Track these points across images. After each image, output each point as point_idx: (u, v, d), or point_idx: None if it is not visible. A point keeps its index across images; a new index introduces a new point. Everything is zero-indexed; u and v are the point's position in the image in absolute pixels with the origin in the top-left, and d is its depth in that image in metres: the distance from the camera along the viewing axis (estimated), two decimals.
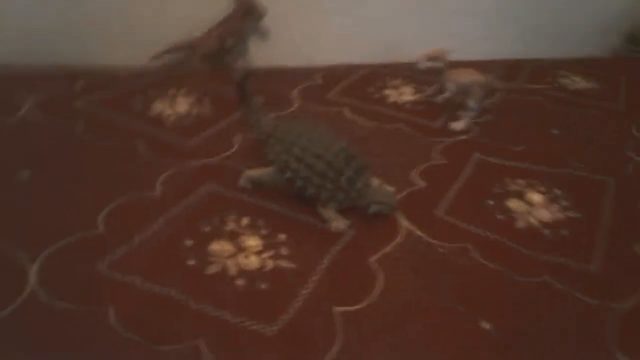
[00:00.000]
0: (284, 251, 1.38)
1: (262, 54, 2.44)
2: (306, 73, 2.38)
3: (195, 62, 2.31)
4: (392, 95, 2.28)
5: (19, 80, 2.01)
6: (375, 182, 1.55)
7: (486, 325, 1.24)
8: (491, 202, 1.66)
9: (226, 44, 2.33)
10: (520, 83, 2.55)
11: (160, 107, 1.95)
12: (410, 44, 2.19)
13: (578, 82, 2.63)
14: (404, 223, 1.52)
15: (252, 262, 1.34)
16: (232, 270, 1.31)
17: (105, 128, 1.79)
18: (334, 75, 2.41)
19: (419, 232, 1.50)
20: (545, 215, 1.63)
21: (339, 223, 1.48)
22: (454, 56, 2.08)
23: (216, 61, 2.35)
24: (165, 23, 2.28)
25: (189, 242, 1.37)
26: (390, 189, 1.60)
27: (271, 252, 1.37)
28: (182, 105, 1.98)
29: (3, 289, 1.18)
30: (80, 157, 1.63)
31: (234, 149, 1.77)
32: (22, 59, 2.05)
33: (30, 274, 1.22)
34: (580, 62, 2.86)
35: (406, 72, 2.48)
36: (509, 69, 2.70)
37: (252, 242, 1.40)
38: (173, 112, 1.94)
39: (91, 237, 1.35)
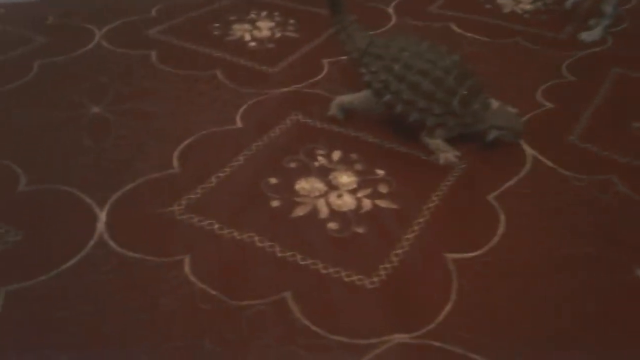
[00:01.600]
0: (383, 189, 1.16)
1: None
2: None
3: None
4: (507, 4, 1.94)
5: (88, 8, 1.87)
6: (495, 103, 1.28)
7: None
8: (637, 124, 1.34)
9: None
10: None
11: (240, 32, 1.75)
12: None
13: None
14: (530, 152, 1.25)
15: (346, 202, 1.13)
16: (323, 211, 1.11)
17: (181, 56, 1.62)
18: None
19: (549, 163, 1.22)
20: None
21: (448, 154, 1.23)
22: None
23: None
24: None
25: (273, 181, 1.18)
26: (513, 110, 1.32)
27: (368, 190, 1.16)
28: (264, 29, 1.77)
29: (70, 236, 1.05)
30: (153, 89, 1.47)
31: (323, 74, 1.54)
32: None
33: (99, 219, 1.08)
34: None
35: None
36: None
37: (346, 178, 1.19)
38: (254, 37, 1.73)
39: (165, 177, 1.19)
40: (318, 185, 1.17)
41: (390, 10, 1.90)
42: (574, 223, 1.08)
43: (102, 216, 1.09)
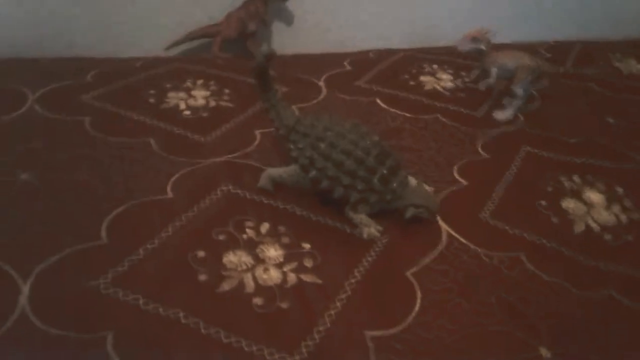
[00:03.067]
0: (308, 263, 1.21)
1: (286, 40, 2.28)
2: (334, 59, 2.20)
3: (214, 50, 2.16)
4: (428, 82, 2.08)
5: (23, 70, 1.87)
6: (413, 181, 1.37)
7: (547, 354, 1.05)
8: (544, 203, 1.46)
9: (248, 29, 2.17)
10: (569, 66, 2.32)
11: (175, 100, 1.79)
12: (448, 26, 2.00)
13: (632, 66, 2.40)
14: (445, 228, 1.34)
15: (272, 276, 1.17)
16: (249, 286, 1.14)
17: (116, 123, 1.64)
18: (364, 61, 2.22)
19: (462, 239, 1.31)
20: (606, 218, 1.43)
21: (371, 229, 1.30)
22: (498, 38, 1.87)
23: (238, 48, 2.19)
24: (184, 10, 2.12)
25: (201, 254, 1.20)
26: (430, 189, 1.41)
27: (294, 264, 1.20)
28: (199, 97, 1.82)
29: None
30: (86, 157, 1.48)
31: (253, 145, 1.60)
32: (29, 51, 1.92)
33: (22, 292, 1.07)
34: (634, 44, 2.62)
35: (444, 56, 2.28)
36: (556, 49, 2.48)
37: (273, 252, 1.23)
38: (189, 105, 1.77)
39: (92, 249, 1.19)
40: (245, 258, 1.21)
41: (321, 83, 2.00)
42: (483, 300, 1.16)
43: (25, 289, 1.08)
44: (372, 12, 2.34)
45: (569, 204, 1.46)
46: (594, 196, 1.49)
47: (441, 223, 1.35)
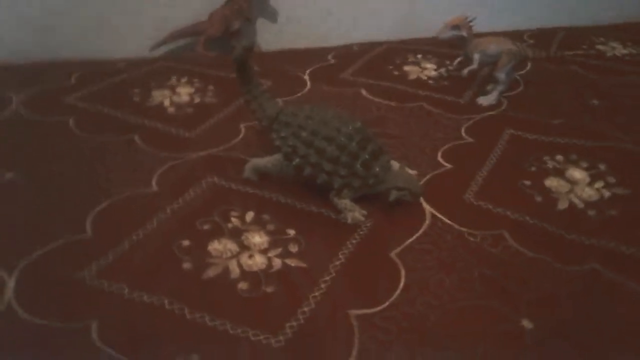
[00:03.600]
0: (293, 248, 1.22)
1: (270, 36, 2.29)
2: (318, 53, 2.21)
3: (199, 48, 2.17)
4: (412, 71, 2.09)
5: (7, 75, 1.88)
6: (395, 165, 1.38)
7: (529, 325, 1.06)
8: (528, 183, 1.47)
9: (232, 27, 2.18)
10: (553, 51, 2.33)
11: (159, 97, 1.80)
12: (431, 16, 2.00)
13: (616, 48, 2.41)
14: (429, 210, 1.35)
15: (257, 262, 1.18)
16: (234, 272, 1.15)
17: (100, 123, 1.65)
18: (348, 54, 2.23)
19: (446, 220, 1.32)
20: (589, 194, 1.44)
21: (355, 213, 1.31)
22: (480, 26, 1.88)
23: (222, 46, 2.20)
24: (167, 10, 2.13)
25: (185, 243, 1.21)
26: (412, 172, 1.42)
27: (279, 250, 1.21)
28: (183, 94, 1.83)
29: None
30: (70, 154, 1.49)
31: (238, 139, 1.61)
32: (14, 53, 1.93)
33: (7, 286, 1.08)
34: (617, 28, 2.64)
35: (427, 46, 2.29)
36: (540, 36, 2.49)
37: (258, 239, 1.24)
38: (173, 102, 1.78)
39: (76, 243, 1.20)
40: (230, 246, 1.22)
41: (306, 77, 2.01)
42: (467, 277, 1.16)
43: (11, 283, 1.08)
44: (354, 6, 2.35)
45: (552, 182, 1.47)
46: (577, 174, 1.50)
47: (425, 205, 1.36)
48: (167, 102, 1.78)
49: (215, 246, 1.21)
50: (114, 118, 1.68)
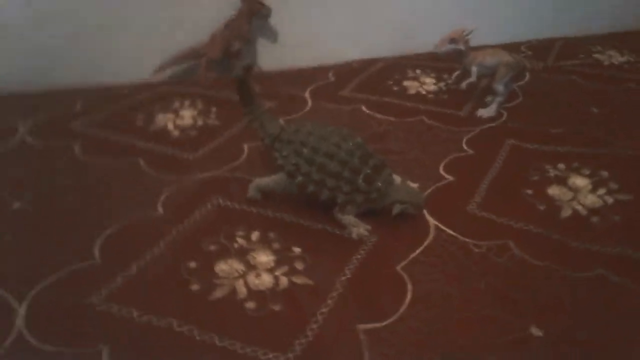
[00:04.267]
0: (299, 266, 1.23)
1: (270, 56, 2.31)
2: (318, 72, 2.23)
3: (201, 71, 2.19)
4: (411, 86, 2.11)
5: (14, 104, 1.91)
6: (397, 179, 1.39)
7: (538, 332, 1.06)
8: (530, 192, 1.48)
9: (232, 48, 2.20)
10: (550, 61, 2.35)
11: (163, 121, 1.83)
12: (428, 31, 2.02)
13: (613, 57, 2.43)
14: (433, 223, 1.36)
15: (264, 281, 1.19)
16: (242, 292, 1.16)
17: (105, 148, 1.67)
18: (347, 71, 2.25)
19: (450, 232, 1.33)
20: (592, 200, 1.44)
21: (360, 229, 1.32)
22: (477, 39, 1.91)
23: (223, 67, 2.23)
24: (166, 34, 2.16)
25: (192, 265, 1.22)
26: (414, 185, 1.43)
27: (285, 268, 1.22)
28: (187, 117, 1.86)
29: None
30: (77, 180, 1.51)
31: (241, 159, 1.63)
32: (18, 81, 1.96)
33: (18, 314, 1.09)
34: (613, 37, 2.66)
35: (426, 61, 2.32)
36: (537, 47, 2.51)
37: (264, 258, 1.25)
38: (177, 125, 1.81)
39: (85, 269, 1.21)
40: (237, 266, 1.23)
41: (307, 95, 2.03)
42: (473, 287, 1.17)
43: (22, 311, 1.10)
44: (353, 24, 2.37)
45: (554, 190, 1.48)
46: (580, 181, 1.51)
47: (429, 218, 1.37)
48: (170, 126, 1.80)
49: (221, 267, 1.22)
50: (118, 143, 1.70)
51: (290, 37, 2.32)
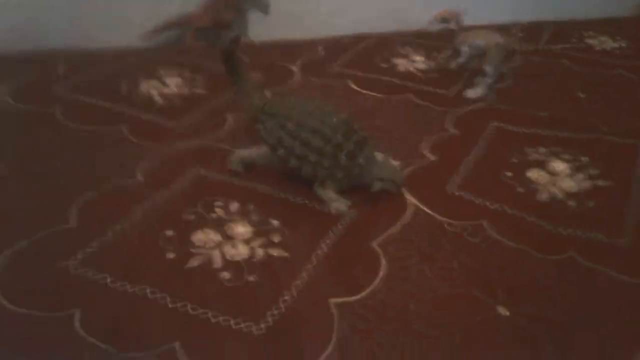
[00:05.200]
0: (276, 238, 1.24)
1: (261, 28, 2.28)
2: (308, 45, 2.22)
3: (189, 39, 2.16)
4: (401, 64, 2.10)
5: None
6: (379, 156, 1.39)
7: (505, 312, 1.08)
8: (509, 174, 1.48)
9: (223, 18, 2.17)
10: (542, 44, 2.35)
11: (147, 88, 1.81)
12: (420, 8, 2.01)
13: (605, 42, 2.43)
14: (412, 201, 1.36)
15: (240, 251, 1.20)
16: (217, 262, 1.17)
17: (87, 114, 1.66)
18: (337, 46, 2.24)
19: (427, 210, 1.33)
20: (570, 185, 1.45)
21: (339, 204, 1.33)
22: (469, 19, 1.89)
23: (212, 37, 2.19)
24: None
25: (169, 233, 1.23)
26: (396, 163, 1.43)
27: (262, 240, 1.23)
28: (172, 85, 1.84)
29: None
30: (57, 145, 1.50)
31: (226, 128, 1.62)
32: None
33: None
34: (606, 22, 2.65)
35: (417, 39, 2.30)
36: (529, 30, 2.49)
37: (241, 229, 1.26)
38: (161, 93, 1.79)
39: (61, 233, 1.21)
40: (214, 236, 1.23)
41: (295, 69, 2.02)
42: (446, 266, 1.18)
43: None
44: None
45: (533, 174, 1.49)
46: (559, 166, 1.52)
47: (408, 196, 1.38)
48: (155, 93, 1.79)
49: (198, 236, 1.23)
50: (101, 109, 1.69)
51: (281, 9, 2.28)
